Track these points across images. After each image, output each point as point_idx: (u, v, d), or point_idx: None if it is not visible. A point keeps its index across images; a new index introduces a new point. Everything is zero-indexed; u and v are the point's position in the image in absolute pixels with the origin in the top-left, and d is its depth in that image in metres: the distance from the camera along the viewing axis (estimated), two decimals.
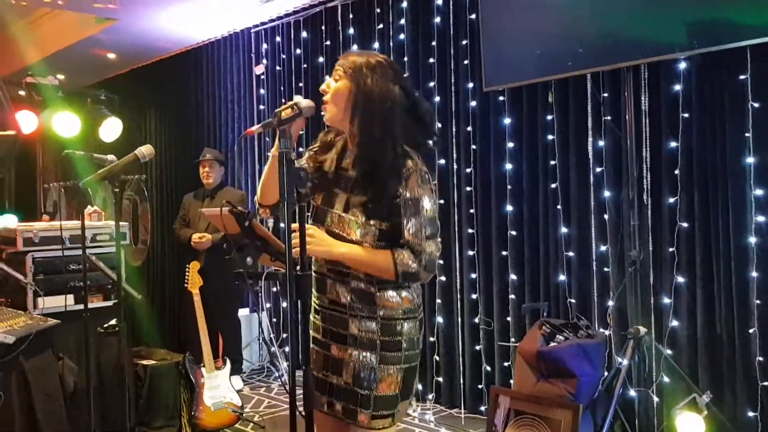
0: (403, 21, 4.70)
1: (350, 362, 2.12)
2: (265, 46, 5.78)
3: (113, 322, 2.63)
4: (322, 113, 2.07)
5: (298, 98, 1.98)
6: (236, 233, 1.76)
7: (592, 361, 3.40)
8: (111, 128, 5.21)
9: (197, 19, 5.74)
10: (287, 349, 5.51)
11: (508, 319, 4.23)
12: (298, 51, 5.43)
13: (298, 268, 1.71)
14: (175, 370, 4.37)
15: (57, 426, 3.61)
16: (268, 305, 5.92)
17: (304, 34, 5.40)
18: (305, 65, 5.39)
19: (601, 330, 3.77)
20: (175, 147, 6.87)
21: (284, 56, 5.58)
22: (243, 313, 5.84)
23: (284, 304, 5.46)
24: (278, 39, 5.61)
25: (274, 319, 5.85)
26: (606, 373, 3.64)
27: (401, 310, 2.11)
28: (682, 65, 3.47)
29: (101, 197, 6.97)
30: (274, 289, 5.76)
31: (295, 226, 1.71)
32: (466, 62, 4.35)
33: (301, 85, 5.42)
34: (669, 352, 3.52)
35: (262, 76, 5.80)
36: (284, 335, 5.66)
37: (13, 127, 4.03)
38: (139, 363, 4.33)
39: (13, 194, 6.49)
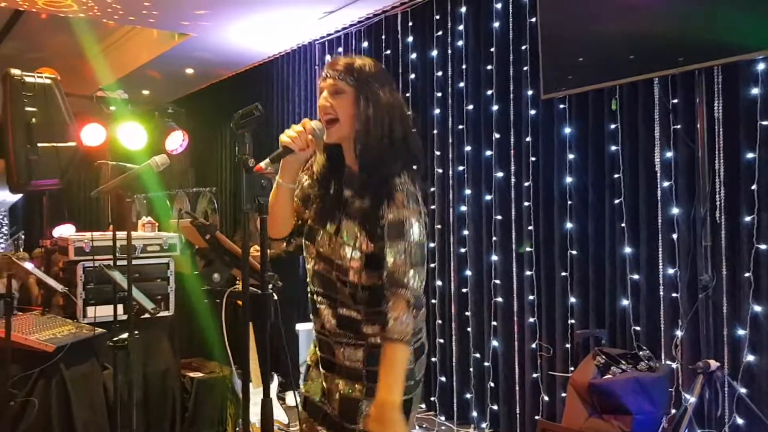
0: (462, 27, 4.49)
1: (337, 392, 1.94)
2: (328, 57, 5.71)
3: (124, 335, 2.56)
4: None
5: (306, 120, 1.85)
6: (205, 247, 1.62)
7: (651, 398, 3.04)
8: (175, 141, 5.26)
9: (265, 33, 5.77)
10: None
11: (567, 345, 3.90)
12: None
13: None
14: (222, 384, 4.31)
15: None
16: None
17: (365, 44, 5.29)
18: None
19: (667, 362, 3.38)
20: None
21: None
22: (305, 327, 5.75)
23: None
24: (340, 50, 5.52)
25: None
26: (673, 411, 3.27)
27: None
28: (761, 66, 3.07)
29: (177, 209, 7.11)
30: None
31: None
32: (525, 68, 4.08)
33: None
34: (744, 390, 3.10)
35: None
36: None
37: (76, 140, 4.09)
38: (187, 375, 4.30)
39: (82, 205, 6.73)
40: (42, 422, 3.42)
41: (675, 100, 3.40)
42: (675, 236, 3.40)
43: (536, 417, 4.06)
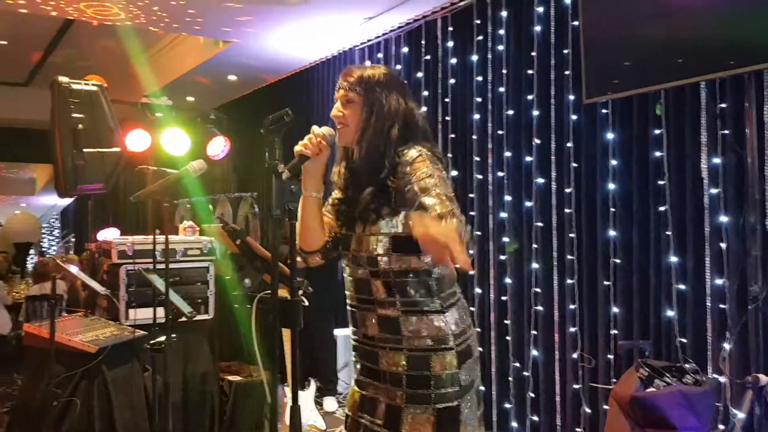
0: (502, 31, 4.43)
1: (382, 401, 1.95)
2: (368, 63, 5.71)
3: (161, 338, 2.59)
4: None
5: (316, 127, 1.92)
6: (237, 252, 1.62)
7: (696, 412, 2.93)
8: (217, 146, 5.33)
9: (306, 40, 5.81)
10: None
11: (610, 357, 3.80)
12: (398, 67, 5.30)
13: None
14: (260, 388, 4.32)
15: None
16: None
17: (405, 49, 5.27)
18: (405, 81, 5.23)
19: (714, 376, 3.26)
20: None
21: None
22: (343, 333, 5.75)
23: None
24: (380, 56, 5.52)
25: None
26: (721, 427, 3.16)
27: (430, 340, 1.90)
28: None
29: (219, 213, 7.19)
30: None
31: None
32: (567, 72, 4.00)
33: None
34: None
35: None
36: None
37: (121, 146, 4.17)
38: (225, 378, 4.33)
39: (128, 209, 6.83)
40: (84, 422, 3.48)
41: (723, 105, 3.29)
42: (723, 245, 3.28)
43: (577, 429, 3.96)
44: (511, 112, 4.38)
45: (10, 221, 13.44)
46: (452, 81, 4.84)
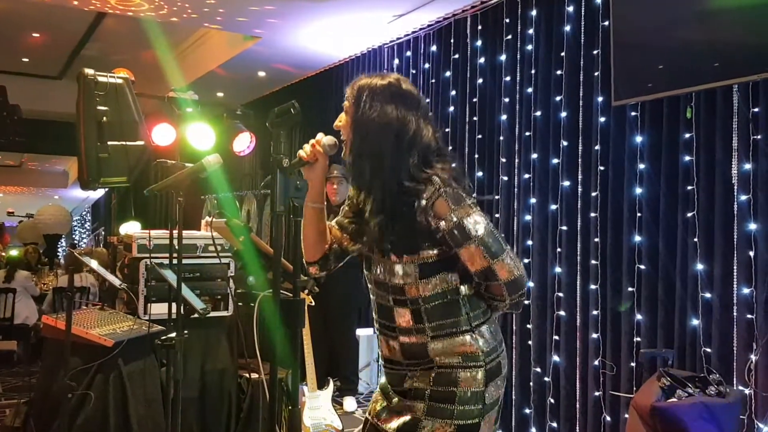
0: (531, 30, 4.36)
1: (403, 412, 1.90)
2: (396, 61, 5.67)
3: (172, 334, 2.57)
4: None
5: (320, 135, 1.87)
6: (240, 249, 1.59)
7: (719, 425, 2.84)
8: (243, 142, 5.33)
9: (335, 37, 5.79)
10: None
11: (633, 364, 3.70)
12: (426, 65, 5.26)
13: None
14: (278, 386, 4.30)
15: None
16: None
17: (434, 47, 5.22)
18: (433, 80, 5.20)
19: (740, 388, 3.16)
20: None
21: (413, 71, 5.43)
22: (366, 333, 5.71)
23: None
24: (408, 54, 5.47)
25: None
26: None
27: (459, 357, 1.84)
28: None
29: (245, 210, 7.22)
30: None
31: None
32: (596, 73, 3.91)
33: (428, 100, 5.23)
34: None
35: None
36: None
37: (145, 140, 4.18)
38: (243, 375, 4.32)
39: (156, 203, 6.84)
40: (99, 416, 3.48)
41: (756, 109, 3.18)
42: (752, 253, 3.18)
43: None
44: (538, 113, 4.31)
45: (41, 213, 13.65)
46: (480, 81, 4.78)
